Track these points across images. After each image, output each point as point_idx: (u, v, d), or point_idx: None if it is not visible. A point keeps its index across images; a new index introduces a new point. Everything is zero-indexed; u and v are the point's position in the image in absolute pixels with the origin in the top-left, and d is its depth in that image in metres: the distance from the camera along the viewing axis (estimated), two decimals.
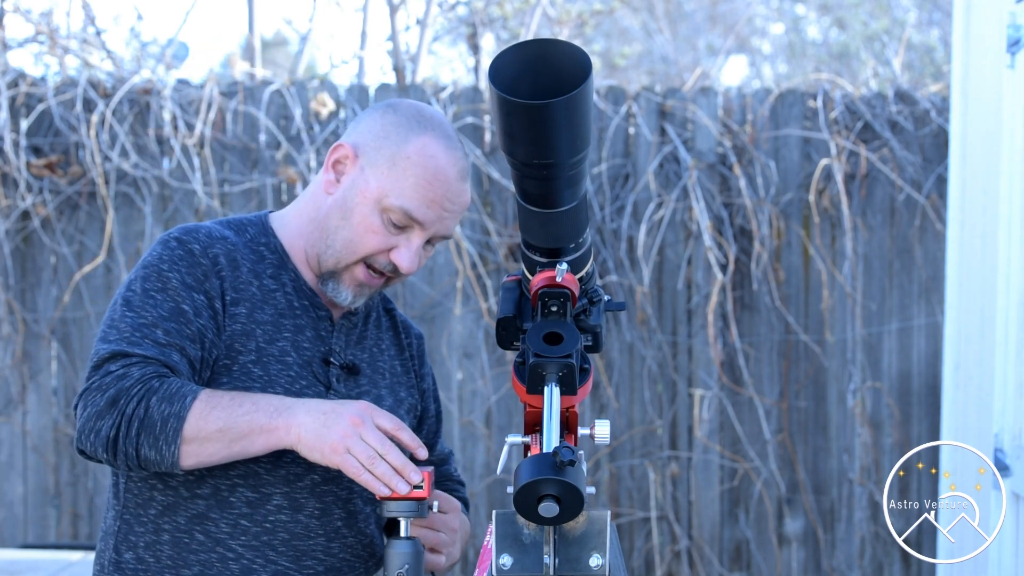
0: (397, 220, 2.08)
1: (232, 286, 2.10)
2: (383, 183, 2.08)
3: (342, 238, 2.12)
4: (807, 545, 5.11)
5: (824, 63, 9.44)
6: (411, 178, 2.07)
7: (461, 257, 4.94)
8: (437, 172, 2.08)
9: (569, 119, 1.56)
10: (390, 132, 2.11)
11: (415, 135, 2.10)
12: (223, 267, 2.09)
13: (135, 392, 1.96)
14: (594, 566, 1.66)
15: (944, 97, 5.16)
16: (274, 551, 2.10)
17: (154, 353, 2.01)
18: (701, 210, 4.96)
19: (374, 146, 2.11)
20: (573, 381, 1.67)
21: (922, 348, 5.12)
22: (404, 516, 1.90)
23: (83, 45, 5.62)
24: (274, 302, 2.14)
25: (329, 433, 1.92)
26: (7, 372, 4.89)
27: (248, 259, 2.14)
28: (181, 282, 2.06)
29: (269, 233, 2.19)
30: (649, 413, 5.05)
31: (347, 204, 2.11)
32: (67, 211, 4.92)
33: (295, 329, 2.14)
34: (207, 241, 2.10)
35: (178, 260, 2.07)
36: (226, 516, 2.09)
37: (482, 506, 5.00)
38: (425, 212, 2.08)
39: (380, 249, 2.11)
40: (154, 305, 2.04)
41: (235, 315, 2.09)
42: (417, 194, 2.07)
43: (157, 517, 2.10)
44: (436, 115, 2.17)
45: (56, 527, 4.93)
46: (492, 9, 6.47)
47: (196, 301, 2.05)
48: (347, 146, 2.13)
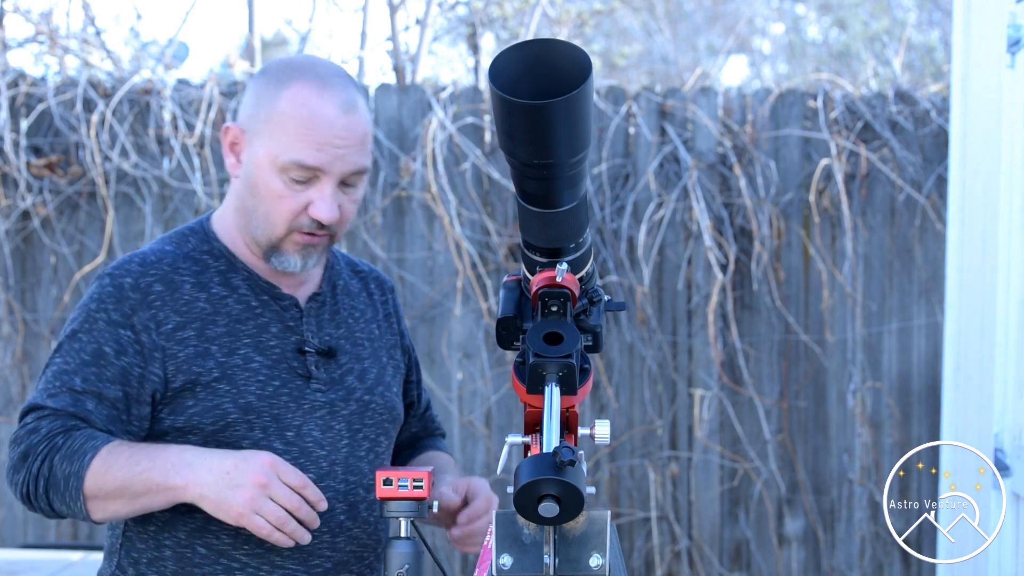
0: (297, 176, 2.07)
1: (174, 310, 2.08)
2: (269, 146, 2.07)
3: (260, 214, 2.11)
4: (807, 545, 5.11)
5: (824, 63, 9.44)
6: (291, 130, 2.06)
7: (461, 257, 4.94)
8: (313, 115, 2.06)
9: (569, 119, 1.56)
10: (261, 96, 2.10)
11: (283, 89, 2.08)
12: (158, 295, 2.08)
13: (40, 450, 2.00)
14: (594, 566, 1.66)
15: (944, 97, 5.17)
16: (279, 555, 2.09)
17: (66, 403, 2.03)
18: (701, 210, 4.96)
19: (252, 115, 2.10)
20: (573, 381, 1.67)
21: (922, 348, 5.12)
22: (404, 516, 1.90)
23: (83, 45, 5.62)
24: (227, 310, 2.12)
25: (235, 497, 1.93)
26: (7, 372, 4.89)
27: (190, 273, 2.12)
28: (107, 321, 2.06)
29: (211, 238, 2.18)
30: (649, 413, 5.05)
31: (251, 180, 2.10)
32: (67, 211, 4.92)
33: (257, 330, 2.12)
34: (139, 271, 2.09)
35: (106, 298, 2.07)
36: (226, 527, 2.06)
37: None
38: (317, 156, 2.06)
39: (296, 210, 2.09)
40: (79, 349, 2.06)
41: (184, 339, 2.08)
42: (302, 143, 2.05)
43: (158, 533, 2.10)
44: (306, 61, 2.16)
45: (56, 527, 4.93)
46: (492, 9, 6.47)
47: (121, 338, 2.05)
48: (233, 127, 2.13)
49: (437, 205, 4.93)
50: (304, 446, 2.12)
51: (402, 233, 4.99)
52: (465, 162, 4.98)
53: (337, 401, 2.17)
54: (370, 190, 4.96)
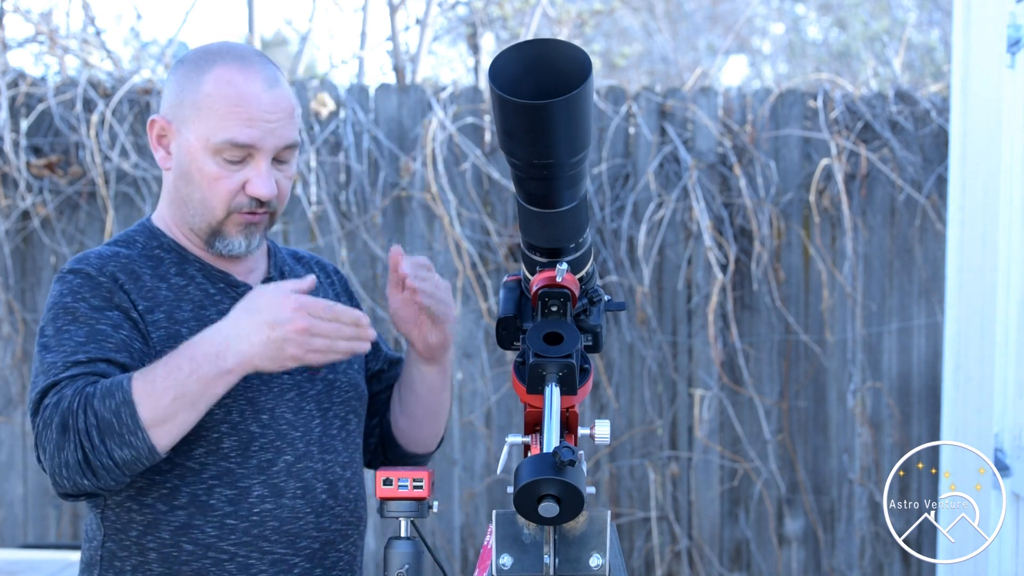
0: (230, 156, 2.07)
1: (141, 296, 2.08)
2: (199, 131, 2.07)
3: (196, 200, 2.10)
4: (807, 545, 5.11)
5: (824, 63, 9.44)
6: (219, 111, 2.06)
7: (461, 257, 4.94)
8: (240, 94, 2.07)
9: (569, 119, 1.56)
10: (184, 84, 2.10)
11: (205, 73, 2.09)
12: (124, 280, 2.08)
13: (76, 406, 1.92)
14: (594, 566, 1.66)
15: (944, 97, 5.17)
16: (267, 541, 2.08)
17: (80, 371, 1.97)
18: (701, 210, 4.96)
19: (177, 103, 2.10)
20: (573, 381, 1.67)
21: (922, 348, 5.12)
22: (404, 516, 1.90)
23: (83, 45, 5.62)
24: (189, 297, 2.12)
25: (288, 351, 1.91)
26: (7, 372, 4.89)
27: (147, 267, 2.12)
28: (90, 307, 2.03)
29: (158, 235, 2.17)
30: (649, 413, 5.05)
31: (183, 169, 2.10)
32: (67, 211, 4.92)
33: (219, 315, 2.08)
34: (99, 263, 2.08)
35: (78, 288, 2.05)
36: (210, 520, 2.06)
37: (482, 506, 5.00)
38: (249, 133, 2.06)
39: (233, 190, 2.09)
40: (69, 337, 2.01)
41: (155, 322, 2.07)
42: (231, 122, 2.06)
43: (139, 538, 2.07)
44: (224, 45, 2.16)
45: (56, 527, 4.93)
46: (492, 9, 6.47)
47: (112, 318, 2.03)
48: (159, 119, 2.13)
49: (437, 205, 4.93)
50: (279, 428, 2.12)
51: (402, 233, 4.99)
52: (465, 162, 4.98)
53: (303, 382, 2.17)
54: (370, 190, 4.96)
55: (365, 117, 4.97)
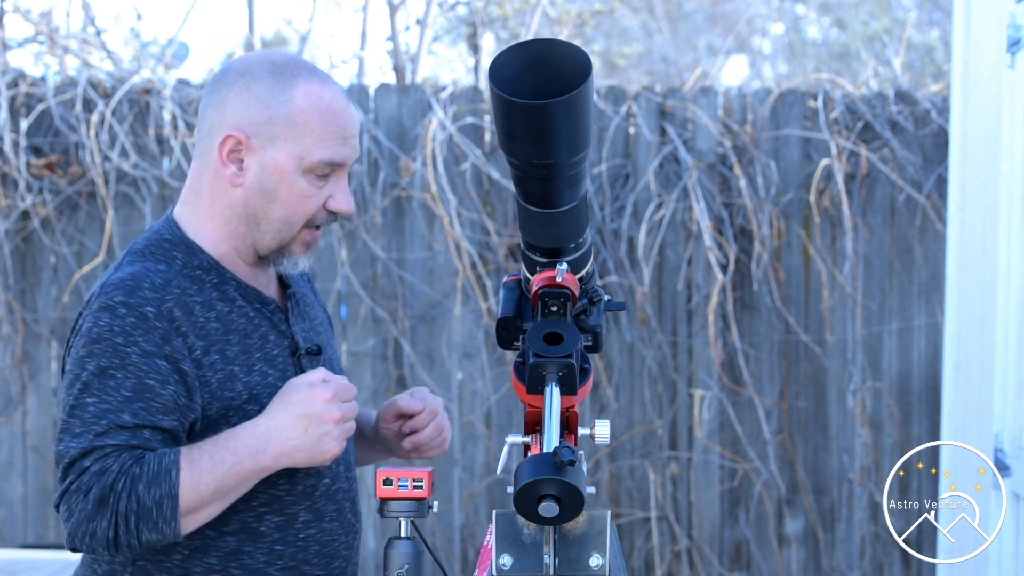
0: (321, 172, 2.05)
1: (196, 335, 2.01)
2: (293, 148, 2.04)
3: (277, 218, 2.07)
4: (807, 545, 5.11)
5: (824, 63, 9.44)
6: (316, 128, 2.04)
7: (461, 257, 4.94)
8: (332, 110, 2.06)
9: (569, 119, 1.56)
10: (268, 101, 2.04)
11: (291, 88, 2.04)
12: (180, 320, 2.00)
13: (120, 487, 1.90)
14: (594, 566, 1.66)
15: (944, 97, 5.16)
16: (308, 564, 2.11)
17: (125, 439, 1.93)
18: (701, 210, 4.96)
19: (261, 120, 2.04)
20: (573, 381, 1.67)
21: (922, 348, 5.12)
22: (404, 516, 1.90)
23: (83, 45, 5.62)
24: (234, 326, 2.08)
25: (327, 444, 1.95)
26: (7, 372, 4.89)
27: (194, 292, 2.05)
28: (141, 353, 1.95)
29: (195, 250, 2.09)
30: (649, 413, 5.05)
31: (266, 186, 2.05)
32: (67, 211, 4.92)
33: (261, 341, 2.09)
34: (157, 298, 1.98)
35: (132, 329, 1.96)
36: (260, 546, 2.07)
37: (482, 506, 5.00)
38: (342, 150, 2.06)
39: (318, 207, 2.08)
40: (116, 386, 1.94)
41: (212, 364, 2.02)
42: (328, 140, 2.05)
43: (184, 561, 2.05)
44: (288, 58, 2.12)
45: (56, 527, 4.93)
46: (492, 9, 6.47)
47: (160, 369, 1.96)
48: (236, 134, 2.04)
49: (437, 205, 4.93)
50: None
51: (402, 233, 4.99)
52: (465, 162, 4.98)
53: None
54: (370, 190, 4.96)
55: (365, 117, 4.97)
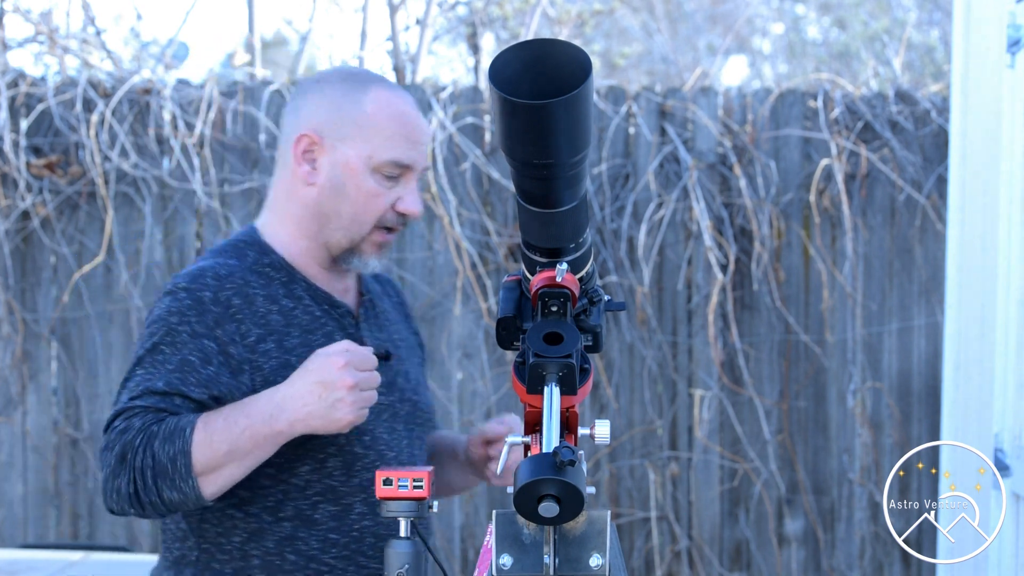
0: (390, 172, 2.16)
1: (255, 323, 2.12)
2: (362, 148, 2.15)
3: (347, 216, 2.17)
4: (807, 545, 5.11)
5: (824, 63, 9.44)
6: (384, 130, 2.15)
7: (461, 257, 4.94)
8: (401, 114, 2.17)
9: (569, 119, 1.55)
10: (340, 103, 2.17)
11: (363, 93, 2.17)
12: (238, 308, 2.12)
13: (138, 443, 2.00)
14: (594, 566, 1.66)
15: (944, 97, 5.16)
16: (364, 556, 2.16)
17: (153, 402, 2.05)
18: (701, 210, 4.96)
19: (334, 121, 2.16)
20: (573, 381, 1.67)
21: (922, 348, 5.12)
22: (404, 516, 1.90)
23: (83, 45, 5.62)
24: (298, 322, 2.17)
25: (340, 411, 1.99)
26: (7, 372, 4.89)
27: (259, 286, 2.16)
28: (191, 332, 2.08)
29: (268, 251, 2.22)
30: (649, 413, 5.05)
31: (336, 184, 2.16)
32: (67, 211, 4.92)
33: (325, 339, 2.17)
34: (216, 285, 2.12)
35: (187, 310, 2.09)
36: (314, 534, 2.13)
37: (482, 506, 5.00)
38: (410, 153, 2.17)
39: (386, 207, 2.18)
40: (163, 361, 2.07)
41: (266, 352, 2.12)
42: (396, 141, 2.15)
43: (243, 544, 2.14)
44: (363, 70, 2.30)
45: (56, 527, 4.93)
46: (492, 9, 6.47)
47: (205, 349, 2.08)
48: (309, 134, 2.17)
49: (437, 205, 4.93)
50: (379, 449, 2.20)
51: (402, 233, 4.99)
52: (465, 162, 4.98)
53: (395, 403, 2.25)
54: None
55: None
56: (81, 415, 4.90)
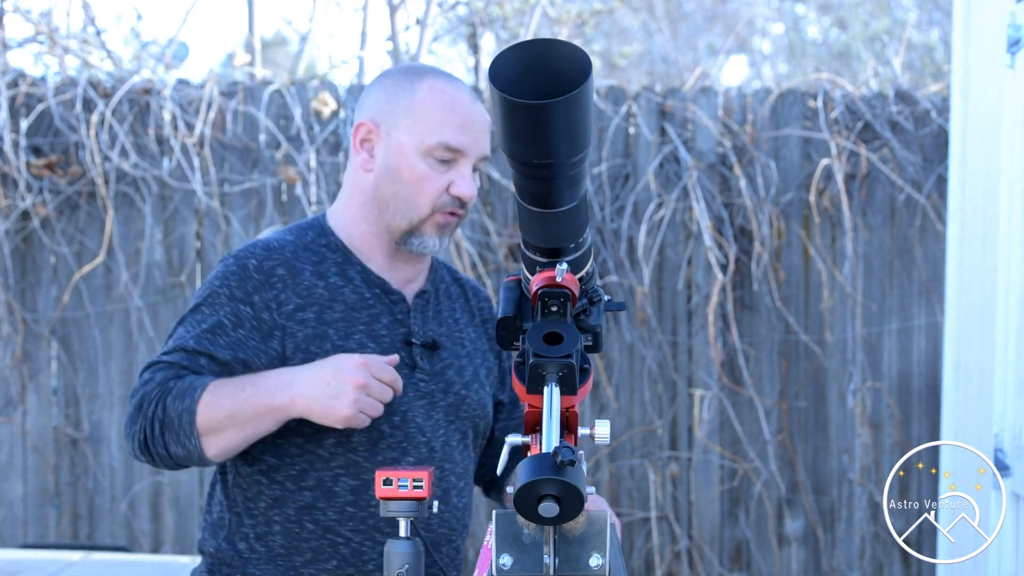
0: (441, 156, 2.22)
1: (296, 292, 2.21)
2: (413, 133, 2.22)
3: (402, 199, 2.24)
4: (807, 545, 5.11)
5: (824, 63, 9.44)
6: (435, 115, 2.22)
7: (461, 257, 4.94)
8: (454, 100, 2.24)
9: (569, 119, 1.55)
10: (395, 92, 2.25)
11: (417, 82, 2.25)
12: (280, 277, 2.21)
13: (154, 395, 2.12)
14: (594, 566, 1.66)
15: (944, 97, 5.17)
16: (380, 532, 2.21)
17: (180, 358, 2.16)
18: (701, 210, 4.96)
19: (388, 109, 2.25)
20: (573, 381, 1.67)
21: (922, 348, 5.12)
22: (404, 516, 1.90)
23: (83, 45, 5.62)
24: (343, 298, 2.25)
25: (339, 403, 2.05)
26: (7, 372, 4.89)
27: (310, 262, 2.25)
28: (229, 296, 2.19)
29: (328, 233, 2.30)
30: (649, 413, 5.05)
31: (391, 169, 2.24)
32: (67, 211, 4.92)
33: (370, 319, 2.25)
34: (263, 254, 2.23)
35: (230, 275, 2.21)
36: (333, 505, 2.21)
37: (482, 506, 5.00)
38: (461, 138, 2.22)
39: (440, 189, 2.23)
40: (200, 320, 2.19)
41: (303, 320, 2.20)
42: (446, 125, 2.22)
43: (268, 510, 2.22)
44: (425, 65, 2.35)
45: (56, 527, 4.93)
46: (492, 9, 6.47)
47: (240, 312, 2.18)
48: (366, 122, 2.27)
49: None
50: (408, 431, 2.25)
51: None
52: None
53: (438, 392, 2.30)
54: None
55: None
56: (81, 415, 4.90)
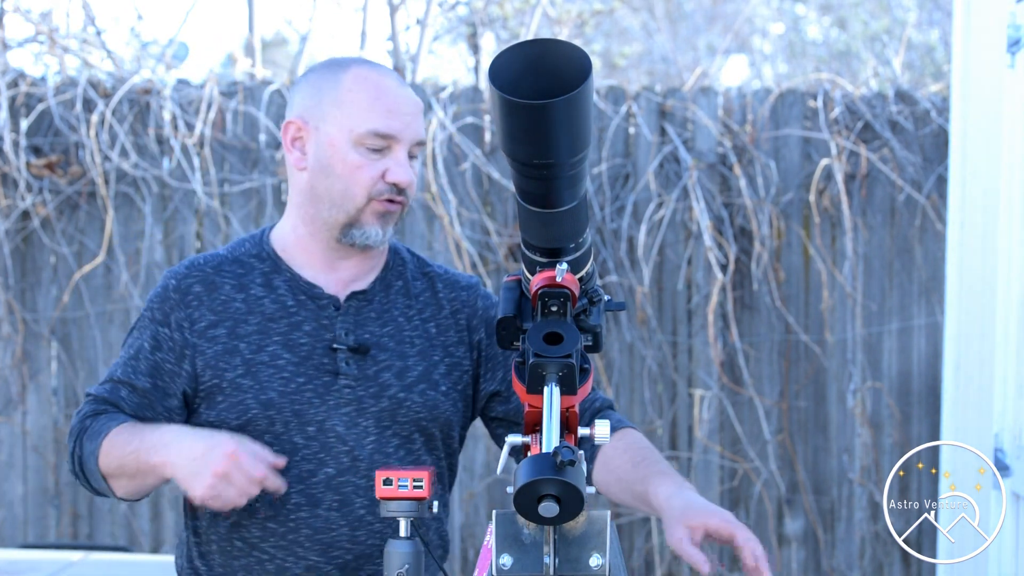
0: (373, 144, 2.18)
1: (210, 309, 2.21)
2: (342, 124, 2.19)
3: (337, 191, 2.20)
4: (807, 545, 5.11)
5: (824, 63, 9.43)
6: (362, 103, 2.18)
7: (461, 257, 4.94)
8: (379, 87, 2.20)
9: (569, 119, 1.55)
10: (320, 86, 2.22)
11: (342, 73, 2.21)
12: (196, 295, 2.22)
13: (76, 431, 2.19)
14: (594, 566, 1.66)
15: (944, 97, 5.16)
16: (301, 547, 2.19)
17: (105, 390, 2.21)
18: (701, 210, 4.96)
19: (315, 104, 2.21)
20: (573, 381, 1.67)
21: (922, 348, 5.12)
22: (403, 516, 1.90)
23: (83, 45, 5.62)
24: (261, 309, 2.22)
25: (197, 483, 2.04)
26: (7, 372, 4.89)
27: (233, 275, 2.24)
28: (151, 318, 2.23)
29: (263, 243, 2.29)
30: (649, 413, 5.05)
31: (324, 163, 2.21)
32: (67, 211, 4.92)
33: (289, 328, 2.21)
34: (184, 273, 2.24)
35: (155, 297, 2.24)
36: (254, 522, 2.20)
37: (482, 506, 5.00)
38: (390, 123, 2.18)
39: (374, 178, 2.19)
40: (129, 345, 2.24)
41: (214, 337, 2.20)
42: (374, 112, 2.18)
43: (208, 527, 2.24)
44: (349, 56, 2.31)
45: (56, 527, 4.93)
46: (492, 9, 6.47)
47: (159, 335, 2.21)
48: (295, 120, 2.23)
49: (437, 205, 4.94)
50: (326, 440, 2.20)
51: (402, 233, 4.99)
52: (465, 162, 4.98)
53: (367, 398, 2.22)
54: None
55: None
56: None
